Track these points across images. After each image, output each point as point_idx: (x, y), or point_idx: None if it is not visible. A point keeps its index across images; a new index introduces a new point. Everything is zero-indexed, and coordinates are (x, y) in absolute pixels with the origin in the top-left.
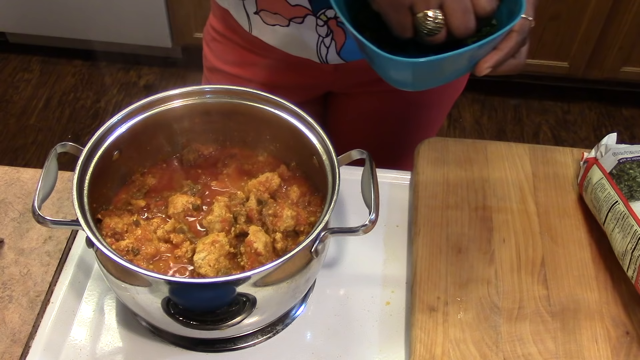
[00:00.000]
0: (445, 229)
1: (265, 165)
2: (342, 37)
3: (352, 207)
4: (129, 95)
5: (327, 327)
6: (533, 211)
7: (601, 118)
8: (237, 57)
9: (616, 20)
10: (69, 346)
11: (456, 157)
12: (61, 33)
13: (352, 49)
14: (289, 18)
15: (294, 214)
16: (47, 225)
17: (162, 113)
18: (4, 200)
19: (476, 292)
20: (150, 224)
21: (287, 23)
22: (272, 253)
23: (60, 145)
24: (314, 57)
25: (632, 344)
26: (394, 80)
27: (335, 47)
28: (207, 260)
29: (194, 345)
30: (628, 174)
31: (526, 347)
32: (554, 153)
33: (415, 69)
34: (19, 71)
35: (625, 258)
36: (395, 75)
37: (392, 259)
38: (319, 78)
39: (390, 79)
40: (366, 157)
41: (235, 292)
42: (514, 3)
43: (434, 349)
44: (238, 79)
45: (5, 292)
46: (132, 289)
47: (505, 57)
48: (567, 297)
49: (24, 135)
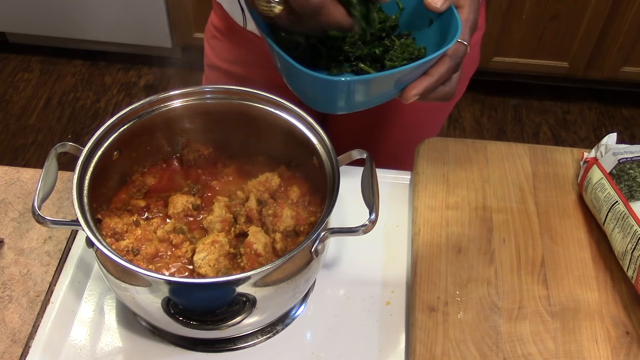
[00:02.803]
0: (445, 229)
1: (265, 165)
2: None
3: (352, 207)
4: (129, 95)
5: (327, 327)
6: (533, 211)
7: (601, 118)
8: (236, 55)
9: (616, 20)
10: (69, 346)
11: (456, 157)
12: (61, 33)
13: None
14: None
15: (294, 214)
16: (47, 225)
17: (162, 113)
18: (4, 200)
19: (476, 292)
20: (150, 224)
21: None
22: (272, 253)
23: (60, 145)
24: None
25: (632, 344)
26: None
27: None
28: (207, 260)
29: (194, 345)
30: (628, 174)
31: (526, 347)
32: (554, 153)
33: (339, 88)
34: (19, 71)
35: (625, 258)
36: (314, 93)
37: (392, 259)
38: None
39: (308, 97)
40: (366, 157)
41: (235, 292)
42: (448, 25)
43: (434, 349)
44: (237, 77)
45: (5, 292)
46: (132, 289)
47: (435, 83)
48: (567, 297)
49: (24, 135)
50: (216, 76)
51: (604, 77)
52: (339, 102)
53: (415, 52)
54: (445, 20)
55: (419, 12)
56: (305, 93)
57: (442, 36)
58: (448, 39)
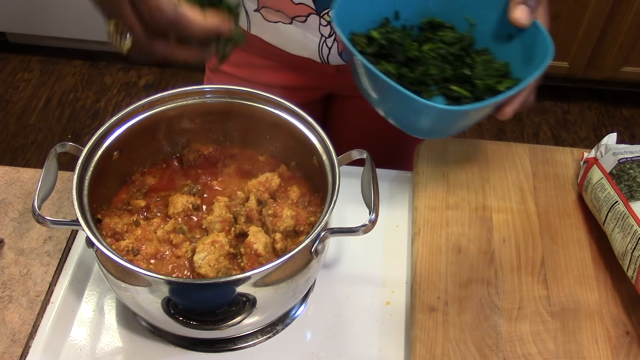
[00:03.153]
0: (445, 229)
1: (265, 165)
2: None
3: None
4: (129, 95)
5: (327, 327)
6: (533, 211)
7: (601, 118)
8: (238, 58)
9: (616, 20)
10: (69, 346)
11: (456, 157)
12: (61, 33)
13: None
14: (291, 16)
15: (294, 214)
16: (47, 225)
17: (162, 113)
18: (4, 200)
19: (476, 292)
20: (150, 224)
21: (290, 21)
22: (272, 253)
23: (60, 145)
24: (315, 57)
25: (632, 344)
26: (411, 127)
27: (337, 47)
28: (207, 260)
29: (194, 345)
30: (628, 174)
31: (526, 347)
32: (554, 153)
33: (455, 115)
34: (19, 71)
35: (625, 258)
36: (417, 121)
37: (392, 259)
38: (320, 79)
39: (408, 125)
40: (366, 157)
41: (235, 292)
42: (532, 39)
43: (434, 349)
44: (239, 80)
45: (5, 292)
46: (132, 289)
47: (527, 96)
48: (567, 297)
49: (24, 135)
50: (218, 79)
51: (604, 77)
52: (448, 129)
53: (500, 68)
54: (529, 35)
55: (496, 27)
56: (406, 121)
57: (526, 49)
58: (539, 55)
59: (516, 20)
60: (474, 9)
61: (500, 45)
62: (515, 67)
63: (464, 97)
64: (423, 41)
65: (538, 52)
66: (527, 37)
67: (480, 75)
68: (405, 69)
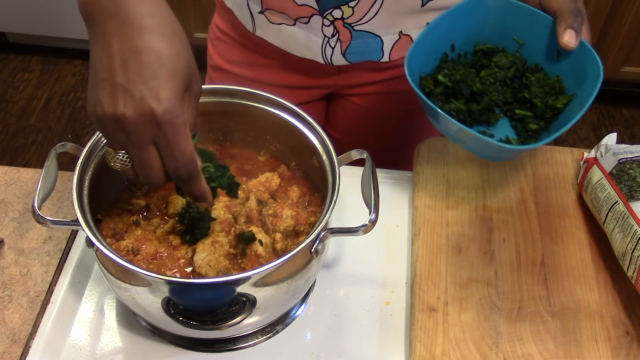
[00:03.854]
0: (445, 229)
1: (265, 165)
2: (348, 37)
3: (352, 207)
4: None
5: (327, 327)
6: (533, 211)
7: (601, 118)
8: (241, 57)
9: (616, 20)
10: (69, 346)
11: (456, 157)
12: (61, 33)
13: (357, 50)
14: (294, 18)
15: (294, 214)
16: (47, 225)
17: None
18: (4, 200)
19: (476, 292)
20: (150, 224)
21: (293, 22)
22: (272, 254)
23: (60, 145)
24: (318, 57)
25: (632, 344)
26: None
27: (341, 48)
28: (207, 260)
29: (194, 345)
30: (628, 174)
31: (526, 347)
32: (554, 153)
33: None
34: (19, 71)
35: (625, 258)
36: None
37: (392, 259)
38: (322, 79)
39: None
40: (366, 157)
41: (235, 292)
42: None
43: (434, 349)
44: (242, 79)
45: (5, 292)
46: (132, 289)
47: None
48: (567, 297)
49: (24, 135)
50: (220, 77)
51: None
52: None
53: (554, 84)
54: (577, 52)
55: (545, 46)
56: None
57: (574, 64)
58: (590, 71)
59: (565, 45)
60: (523, 30)
61: (550, 62)
62: (566, 81)
63: (527, 117)
64: (480, 67)
65: (588, 68)
66: (575, 55)
67: (537, 94)
68: (473, 105)
